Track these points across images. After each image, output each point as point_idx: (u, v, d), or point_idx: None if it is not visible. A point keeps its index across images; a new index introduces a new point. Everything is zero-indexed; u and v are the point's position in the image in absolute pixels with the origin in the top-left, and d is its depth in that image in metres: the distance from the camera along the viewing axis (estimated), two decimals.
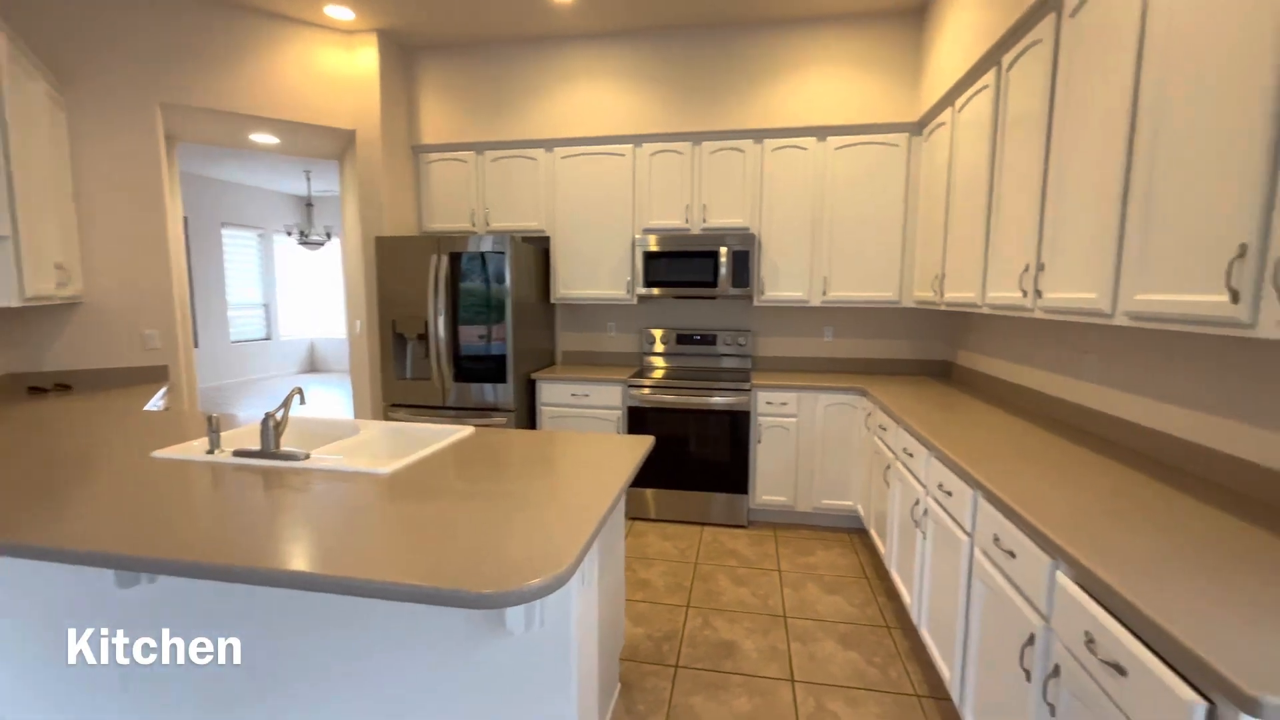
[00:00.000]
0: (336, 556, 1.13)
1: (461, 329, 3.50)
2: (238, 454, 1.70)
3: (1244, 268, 1.13)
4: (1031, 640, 1.29)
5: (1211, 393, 1.60)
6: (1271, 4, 1.09)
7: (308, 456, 1.67)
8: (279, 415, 1.73)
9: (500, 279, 3.41)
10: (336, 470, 1.59)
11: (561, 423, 3.63)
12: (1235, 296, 1.15)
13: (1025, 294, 2.02)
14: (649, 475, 3.46)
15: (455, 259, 3.44)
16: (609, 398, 3.55)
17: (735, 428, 3.39)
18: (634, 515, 3.53)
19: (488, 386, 3.50)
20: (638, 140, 3.64)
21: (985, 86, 2.42)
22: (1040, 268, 1.93)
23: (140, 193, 3.18)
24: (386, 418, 3.60)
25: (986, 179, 2.38)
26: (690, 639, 2.35)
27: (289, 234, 8.76)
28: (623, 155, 3.66)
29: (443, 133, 3.96)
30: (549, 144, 3.74)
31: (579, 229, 3.77)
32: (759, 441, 3.39)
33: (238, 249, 8.77)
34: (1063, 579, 1.19)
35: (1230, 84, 1.19)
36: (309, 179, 7.90)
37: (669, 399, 3.44)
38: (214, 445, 1.74)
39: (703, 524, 3.47)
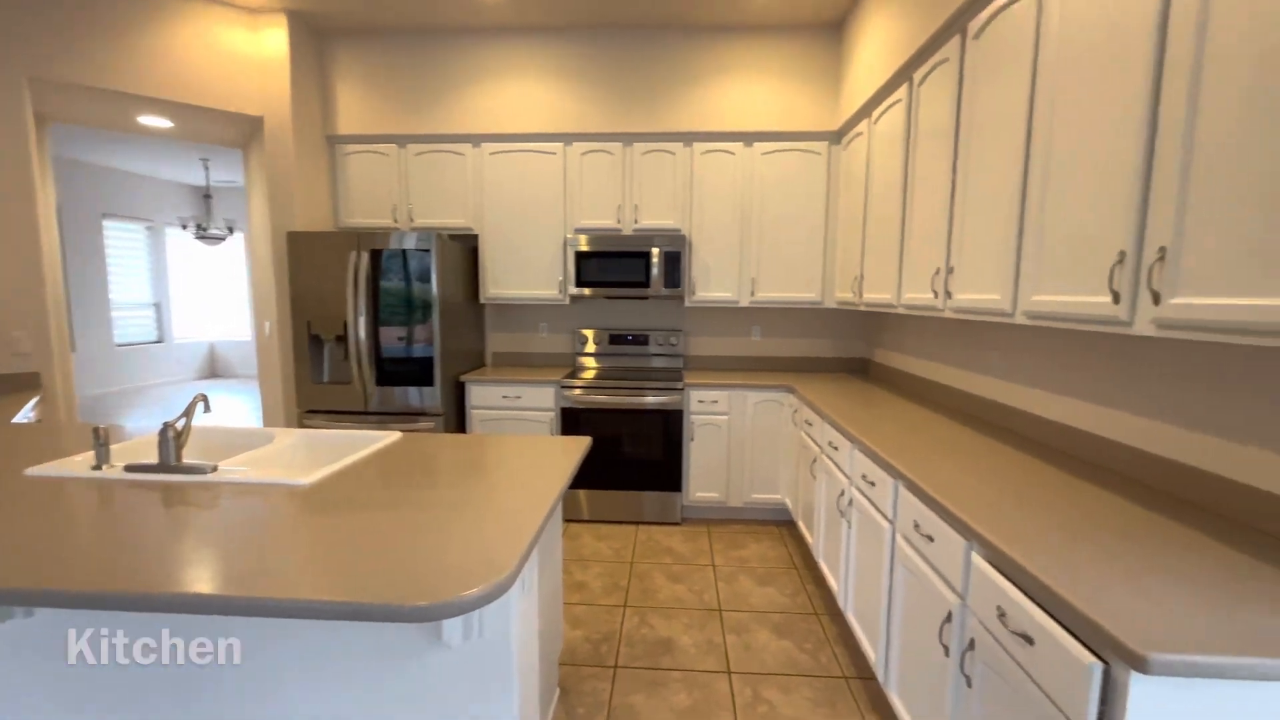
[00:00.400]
0: (252, 575, 1.04)
1: (384, 330, 3.34)
2: (130, 469, 1.54)
3: (1123, 272, 1.27)
4: (949, 618, 1.39)
5: (1098, 386, 1.77)
6: (1143, 40, 1.22)
7: (215, 469, 1.54)
8: (180, 424, 1.58)
9: (425, 278, 3.27)
10: (249, 483, 1.47)
11: (493, 426, 3.54)
12: (1116, 298, 1.28)
13: (936, 295, 2.17)
14: (582, 476, 3.43)
15: (376, 256, 3.27)
16: (542, 399, 3.50)
17: (668, 426, 3.43)
18: (568, 517, 3.49)
19: (413, 390, 3.35)
20: (568, 139, 3.61)
21: (899, 100, 2.57)
22: (950, 271, 2.08)
23: (4, 179, 2.81)
24: (302, 425, 3.37)
25: (901, 187, 2.53)
26: (628, 638, 2.35)
27: (184, 227, 8.00)
28: (554, 154, 3.62)
29: (361, 123, 3.75)
30: (476, 139, 3.64)
31: (509, 227, 3.69)
32: (692, 439, 3.44)
33: (122, 243, 7.95)
34: (977, 559, 1.29)
35: (1109, 105, 1.33)
36: (207, 168, 7.25)
37: (602, 399, 3.43)
38: (101, 460, 1.57)
39: (637, 523, 3.48)
